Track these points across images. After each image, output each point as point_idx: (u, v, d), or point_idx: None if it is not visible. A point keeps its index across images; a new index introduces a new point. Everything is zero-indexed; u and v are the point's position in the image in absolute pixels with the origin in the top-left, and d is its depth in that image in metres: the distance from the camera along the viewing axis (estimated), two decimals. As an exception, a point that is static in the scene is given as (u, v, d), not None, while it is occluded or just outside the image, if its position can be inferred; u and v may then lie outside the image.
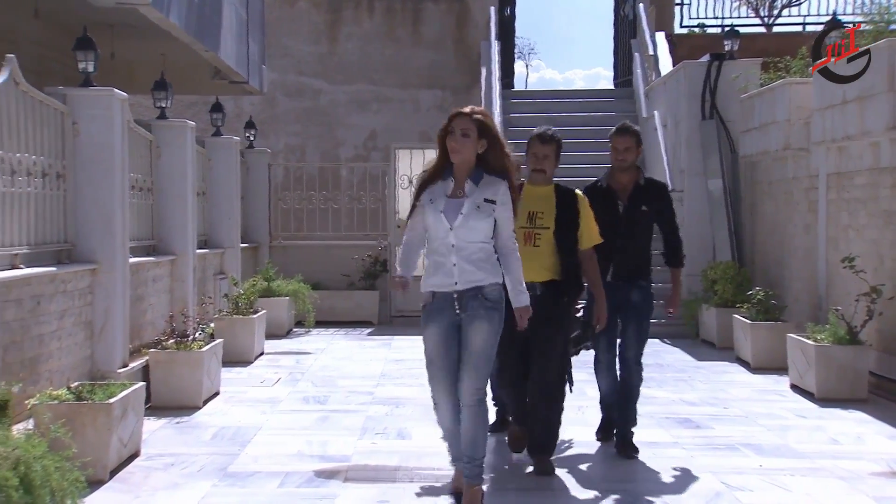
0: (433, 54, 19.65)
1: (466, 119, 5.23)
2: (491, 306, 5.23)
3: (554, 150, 6.34)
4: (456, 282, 5.22)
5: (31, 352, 6.76)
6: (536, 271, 6.13)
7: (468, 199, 5.23)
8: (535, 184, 6.35)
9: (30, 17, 10.38)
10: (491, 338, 5.24)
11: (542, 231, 6.23)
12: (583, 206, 6.36)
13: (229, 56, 13.68)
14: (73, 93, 7.96)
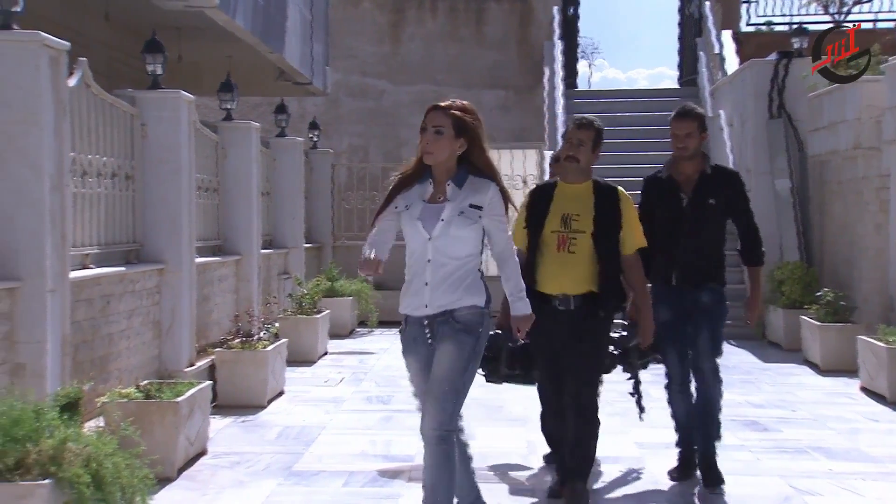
0: (496, 54, 19.61)
1: (440, 114, 4.39)
2: (461, 328, 4.37)
3: (591, 138, 5.43)
4: (426, 304, 4.41)
5: (101, 350, 6.86)
6: (572, 282, 5.35)
7: (450, 204, 4.41)
8: (569, 181, 5.49)
9: (100, 20, 10.56)
10: (458, 363, 4.34)
11: (579, 235, 5.36)
12: (625, 204, 5.44)
13: (293, 57, 13.78)
14: (141, 95, 8.07)
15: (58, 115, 5.83)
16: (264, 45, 12.25)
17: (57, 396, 4.94)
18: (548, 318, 5.29)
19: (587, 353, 5.38)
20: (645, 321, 5.59)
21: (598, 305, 5.35)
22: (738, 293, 7.50)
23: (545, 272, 5.37)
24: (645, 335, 5.60)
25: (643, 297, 5.58)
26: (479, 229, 4.44)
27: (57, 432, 4.34)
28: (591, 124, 5.46)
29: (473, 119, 4.43)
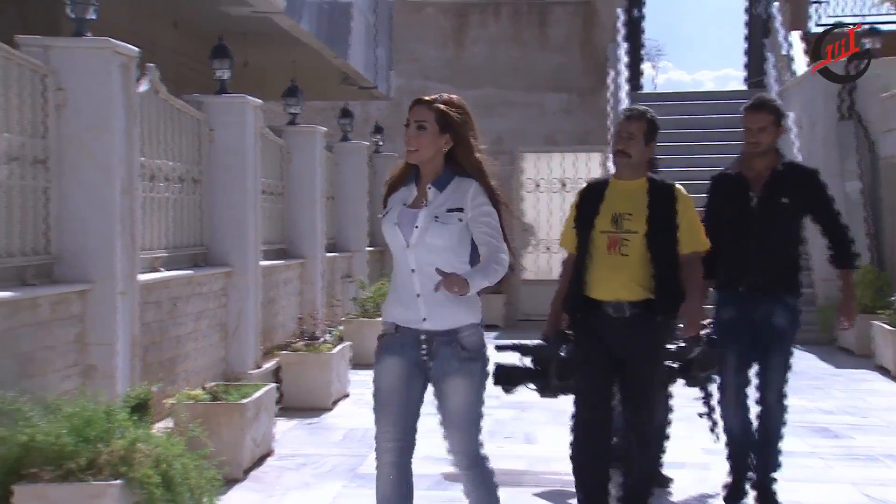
0: (559, 57, 19.54)
1: (423, 108, 4.03)
2: (468, 357, 4.00)
3: (643, 130, 4.94)
4: (424, 318, 3.99)
5: (170, 352, 6.95)
6: (624, 287, 4.87)
7: (426, 209, 4.01)
8: (621, 177, 5.04)
9: (169, 27, 10.71)
10: (473, 396, 4.04)
11: (631, 236, 4.89)
12: (683, 202, 4.99)
13: (358, 62, 13.86)
14: (209, 100, 8.17)
15: (128, 121, 5.92)
16: (329, 50, 12.34)
17: (127, 397, 5.01)
18: (598, 326, 4.90)
19: (644, 369, 4.90)
20: (691, 310, 4.98)
21: (654, 313, 4.89)
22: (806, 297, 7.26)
23: (595, 276, 4.92)
24: (689, 325, 5.06)
25: (696, 295, 5.00)
26: (463, 236, 3.99)
27: (127, 433, 4.41)
28: (643, 115, 4.99)
29: (459, 113, 4.03)
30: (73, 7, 5.74)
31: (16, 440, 4.27)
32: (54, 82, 5.62)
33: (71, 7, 5.74)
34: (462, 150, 4.03)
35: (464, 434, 4.07)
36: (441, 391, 4.04)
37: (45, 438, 4.25)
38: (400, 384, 4.06)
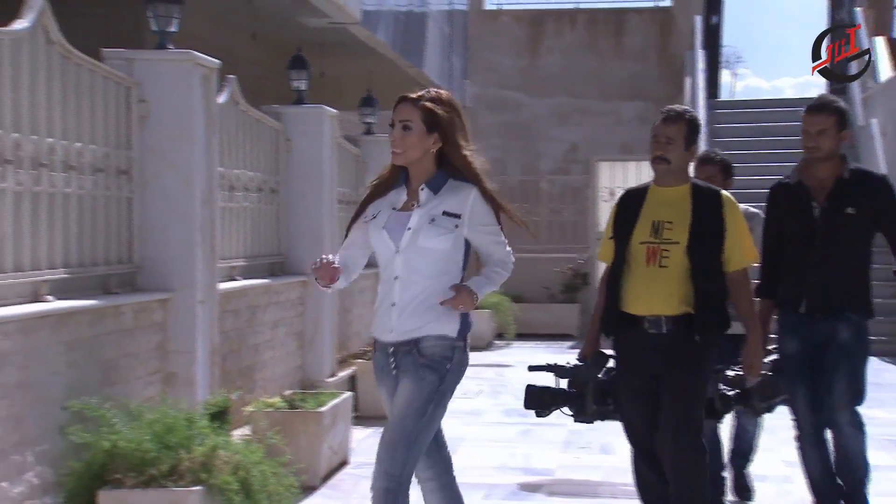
0: (636, 65, 19.40)
1: (408, 106, 3.77)
2: (425, 364, 3.71)
3: (682, 134, 4.51)
4: (392, 329, 3.77)
5: (248, 360, 7.03)
6: (663, 300, 4.47)
7: (419, 210, 3.78)
8: (662, 183, 4.60)
9: (248, 39, 10.86)
10: (414, 405, 3.67)
11: (671, 247, 4.48)
12: (730, 211, 4.55)
13: (433, 71, 13.92)
14: (286, 110, 8.27)
15: (208, 131, 6.01)
16: (404, 60, 12.41)
17: (207, 405, 5.08)
18: (636, 343, 4.53)
19: (684, 388, 4.48)
20: (750, 351, 4.59)
21: (694, 329, 4.47)
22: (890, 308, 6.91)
23: (632, 289, 4.52)
24: (749, 367, 4.62)
25: (751, 324, 4.62)
26: (458, 242, 3.78)
27: (207, 440, 4.46)
28: (681, 116, 4.56)
29: (447, 111, 3.78)
30: (157, 20, 5.85)
31: (100, 446, 4.35)
32: (138, 94, 5.73)
33: (154, 20, 5.86)
34: (450, 150, 3.79)
35: (389, 450, 3.66)
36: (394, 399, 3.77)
37: (129, 445, 4.33)
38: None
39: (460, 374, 3.79)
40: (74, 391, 4.65)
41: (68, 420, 4.53)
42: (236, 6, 9.94)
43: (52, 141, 4.92)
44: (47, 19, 4.85)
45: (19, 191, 4.67)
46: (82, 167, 5.21)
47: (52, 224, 4.94)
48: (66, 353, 4.74)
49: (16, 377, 4.35)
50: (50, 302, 4.75)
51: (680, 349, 4.47)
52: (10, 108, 4.59)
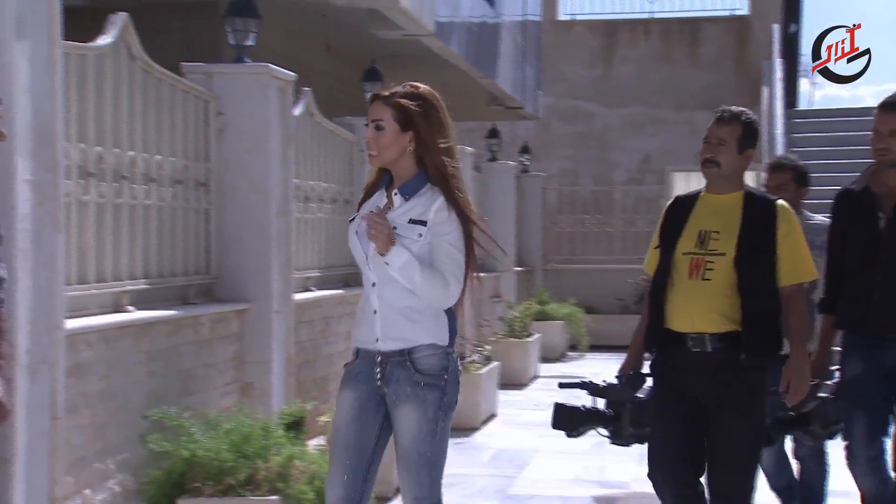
0: (711, 75, 19.19)
1: (379, 104, 3.50)
2: (423, 382, 3.45)
3: (735, 136, 4.10)
4: (377, 338, 3.50)
5: (322, 371, 7.08)
6: (704, 317, 4.04)
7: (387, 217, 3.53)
8: (712, 190, 4.18)
9: (322, 51, 10.97)
10: (424, 427, 3.46)
11: (716, 258, 4.07)
12: (785, 221, 4.12)
13: (506, 82, 13.91)
14: (360, 122, 8.31)
15: (284, 143, 6.08)
16: (477, 71, 12.42)
17: (282, 415, 5.12)
18: (678, 362, 4.07)
19: (731, 421, 4.00)
20: (793, 370, 4.11)
21: (740, 349, 4.02)
22: None
23: (674, 304, 4.11)
24: (793, 392, 4.13)
25: (797, 341, 4.14)
26: (425, 253, 3.46)
27: (284, 450, 4.50)
28: (736, 117, 4.14)
29: (421, 106, 3.48)
30: (235, 34, 5.95)
31: (179, 455, 4.41)
32: (216, 107, 5.82)
33: (232, 35, 5.95)
34: (422, 150, 3.48)
35: (412, 476, 3.48)
36: (394, 421, 3.50)
37: (207, 454, 4.38)
38: (350, 422, 3.52)
39: (457, 382, 3.54)
40: (154, 400, 4.73)
41: (148, 429, 4.60)
42: (311, 19, 10.05)
43: (133, 154, 5.02)
44: (129, 35, 4.95)
45: (102, 203, 4.77)
46: (162, 179, 5.30)
47: (133, 235, 5.03)
48: (146, 362, 4.82)
49: (98, 386, 4.43)
50: (131, 312, 4.84)
51: (728, 373, 4.01)
52: (94, 121, 4.69)
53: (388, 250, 3.37)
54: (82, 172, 4.60)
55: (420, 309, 3.45)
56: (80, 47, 4.55)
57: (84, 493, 4.32)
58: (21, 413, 3.09)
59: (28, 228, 3.57)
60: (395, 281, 3.44)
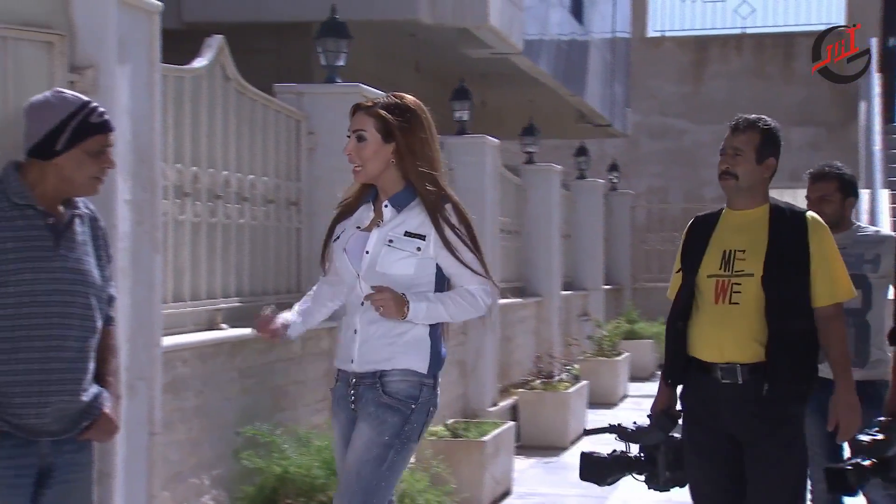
0: (805, 90, 18.85)
1: (362, 115, 3.39)
2: (386, 403, 3.28)
3: (753, 145, 3.76)
4: (353, 359, 3.37)
5: (411, 388, 7.09)
6: (734, 344, 3.70)
7: (378, 231, 3.38)
8: (734, 206, 3.85)
9: (411, 71, 11.05)
10: (373, 451, 3.26)
11: (744, 280, 3.72)
12: (817, 235, 3.76)
13: (594, 99, 13.85)
14: (449, 140, 8.34)
15: (374, 163, 6.11)
16: (565, 89, 12.39)
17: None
18: (708, 395, 3.75)
19: (770, 461, 3.66)
20: (838, 406, 3.71)
21: (767, 380, 3.65)
22: None
23: (700, 331, 3.78)
24: (843, 430, 3.72)
25: (841, 372, 3.74)
26: (426, 267, 3.32)
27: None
28: (753, 124, 3.81)
29: (401, 117, 3.36)
30: (326, 55, 6.02)
31: (272, 471, 4.45)
32: (307, 127, 5.89)
33: (323, 55, 6.02)
34: (402, 162, 3.35)
35: (343, 499, 3.28)
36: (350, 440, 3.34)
37: (298, 470, 4.42)
38: (341, 459, 3.41)
39: (427, 416, 3.34)
40: (246, 417, 4.78)
41: (241, 445, 4.66)
42: (401, 39, 10.14)
43: (227, 173, 5.10)
44: (225, 57, 5.04)
45: (196, 222, 4.85)
46: (254, 199, 5.38)
47: (227, 254, 5.11)
48: (239, 379, 4.88)
49: (193, 403, 4.50)
50: (224, 330, 4.91)
51: (764, 407, 3.65)
52: (190, 142, 4.79)
53: (406, 311, 3.25)
54: (179, 192, 4.69)
55: (400, 332, 3.30)
56: (177, 69, 4.65)
57: (179, 508, 4.39)
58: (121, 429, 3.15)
59: (127, 248, 3.65)
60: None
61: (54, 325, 2.88)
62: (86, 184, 2.97)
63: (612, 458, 4.00)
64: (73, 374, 2.92)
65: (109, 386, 3.06)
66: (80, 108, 2.95)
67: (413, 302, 3.26)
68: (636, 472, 4.02)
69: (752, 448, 3.68)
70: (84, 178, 2.95)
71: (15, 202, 2.89)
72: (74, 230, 2.98)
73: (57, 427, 2.91)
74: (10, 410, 2.83)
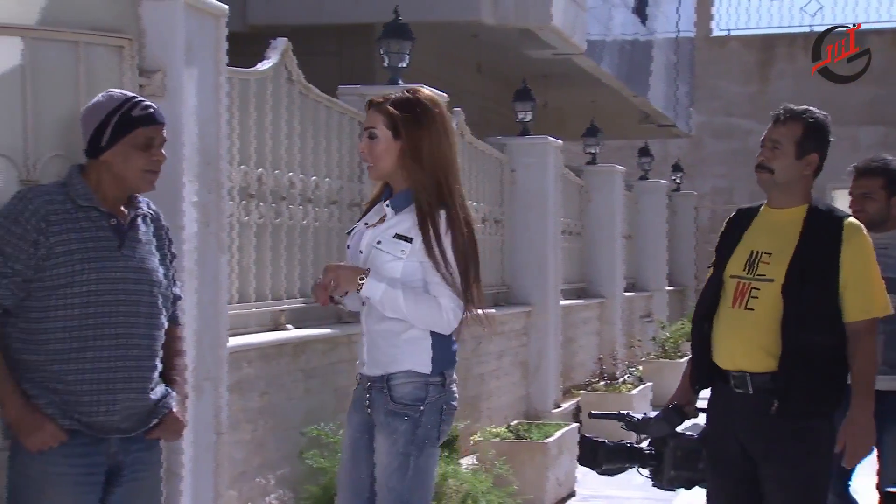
0: (876, 88, 18.50)
1: (373, 112, 3.30)
2: (394, 411, 3.21)
3: (794, 138, 3.47)
4: (364, 361, 3.32)
5: (473, 390, 7.09)
6: (745, 353, 3.45)
7: (372, 231, 3.30)
8: (773, 204, 3.56)
9: (473, 71, 11.05)
10: (394, 461, 3.20)
11: (763, 285, 3.44)
12: (853, 243, 3.42)
13: (657, 100, 13.74)
14: (511, 142, 8.33)
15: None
16: (628, 89, 12.30)
17: (436, 433, 5.13)
18: (725, 403, 3.52)
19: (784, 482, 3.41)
20: (851, 428, 3.40)
21: (777, 396, 3.38)
22: None
23: (717, 335, 3.55)
24: (848, 455, 3.42)
25: (860, 391, 3.41)
26: (412, 269, 3.21)
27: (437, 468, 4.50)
28: (796, 116, 3.49)
29: (410, 113, 3.24)
30: (389, 56, 6.03)
31: (336, 471, 4.46)
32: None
33: (386, 57, 6.04)
34: (406, 161, 3.23)
35: None
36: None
37: (362, 471, 4.42)
38: (344, 463, 3.36)
39: (439, 415, 3.23)
40: (310, 417, 4.81)
41: (305, 445, 4.69)
42: (463, 40, 10.14)
43: (291, 175, 5.13)
44: (289, 59, 5.08)
45: (261, 223, 4.89)
46: (318, 200, 5.41)
47: (291, 255, 5.15)
48: (303, 380, 4.91)
49: (258, 403, 4.54)
50: (288, 330, 4.94)
51: (775, 423, 3.38)
52: (255, 144, 4.83)
53: (360, 286, 3.15)
54: (244, 194, 4.73)
55: (399, 332, 3.20)
56: (242, 72, 4.70)
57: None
58: (188, 428, 3.19)
59: (194, 249, 3.68)
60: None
61: (121, 323, 2.92)
62: (138, 178, 2.99)
63: (614, 445, 3.80)
64: (141, 373, 2.96)
65: (176, 385, 3.10)
66: (123, 103, 2.98)
67: (371, 278, 3.15)
68: (641, 465, 3.82)
69: (763, 463, 3.42)
70: (134, 172, 2.97)
71: (79, 204, 2.93)
72: (138, 230, 3.02)
73: (126, 425, 2.95)
74: (79, 409, 2.88)
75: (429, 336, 3.21)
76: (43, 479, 2.87)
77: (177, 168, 3.47)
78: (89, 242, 2.91)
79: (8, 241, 2.85)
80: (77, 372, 2.88)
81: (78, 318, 2.88)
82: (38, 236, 2.85)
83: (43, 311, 2.87)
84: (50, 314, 2.87)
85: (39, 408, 2.85)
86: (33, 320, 2.88)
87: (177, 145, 3.38)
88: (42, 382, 2.88)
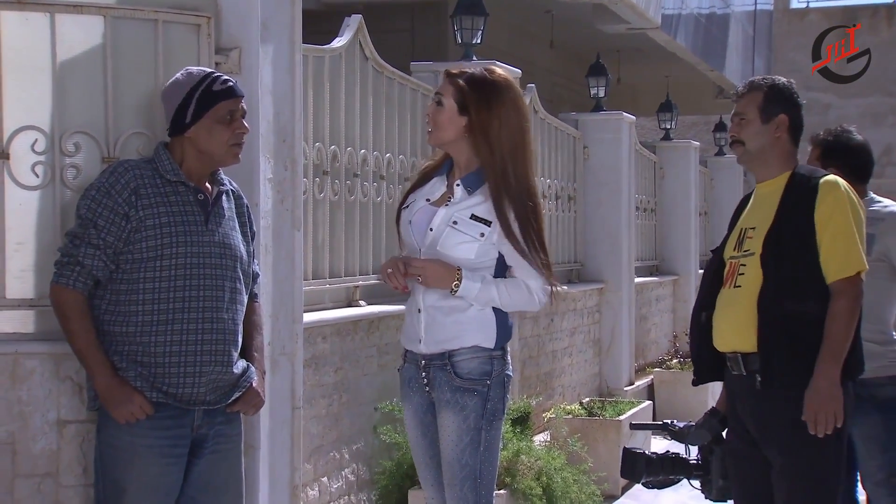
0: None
1: (445, 81, 3.26)
2: (462, 387, 3.19)
3: (755, 105, 3.39)
4: (421, 339, 3.26)
5: (546, 367, 7.08)
6: (734, 332, 3.33)
7: (445, 209, 3.24)
8: (759, 177, 3.46)
9: (545, 48, 10.98)
10: (465, 437, 3.19)
11: (748, 260, 3.33)
12: (827, 200, 3.26)
13: (734, 74, 13.53)
14: (584, 118, 8.27)
15: (510, 140, 6.10)
16: (704, 64, 12.13)
17: (509, 410, 5.14)
18: (730, 392, 3.42)
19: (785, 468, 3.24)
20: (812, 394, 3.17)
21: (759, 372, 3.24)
22: None
23: (715, 320, 3.42)
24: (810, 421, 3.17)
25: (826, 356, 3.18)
26: (487, 253, 3.20)
27: (510, 445, 4.51)
28: (755, 85, 3.44)
29: (478, 92, 3.19)
30: (462, 33, 6.02)
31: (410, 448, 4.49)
32: (442, 106, 5.89)
33: (459, 33, 6.02)
34: (475, 139, 3.19)
35: (455, 491, 3.20)
36: (438, 429, 3.25)
37: (435, 446, 4.44)
38: (418, 441, 3.33)
39: (504, 388, 3.25)
40: (384, 393, 4.84)
41: (379, 420, 4.72)
42: (536, 16, 10.08)
43: (364, 152, 5.15)
44: (363, 36, 5.09)
45: (335, 200, 4.92)
46: (392, 177, 5.42)
47: (364, 232, 5.17)
48: (376, 356, 4.94)
49: (333, 378, 4.58)
50: (362, 307, 4.97)
51: (771, 405, 3.24)
52: (329, 121, 4.85)
53: (457, 287, 3.15)
54: (318, 171, 4.76)
55: (464, 308, 3.18)
56: (317, 49, 4.71)
57: (321, 481, 4.48)
58: (265, 403, 3.23)
59: (269, 225, 3.71)
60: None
61: (207, 297, 2.97)
62: (223, 152, 3.04)
63: (656, 457, 3.63)
64: (226, 346, 3.01)
65: (255, 361, 3.14)
66: (203, 80, 3.03)
67: (467, 279, 3.16)
68: (690, 476, 3.63)
69: (766, 448, 3.28)
70: (219, 146, 3.02)
71: (168, 179, 2.99)
72: (222, 206, 3.07)
73: (211, 397, 3.00)
74: (166, 381, 2.93)
75: (493, 312, 3.21)
76: (131, 451, 2.93)
77: (253, 145, 3.49)
78: (177, 216, 2.96)
79: (100, 213, 2.92)
80: (164, 344, 2.93)
81: (165, 291, 2.93)
82: (129, 209, 2.92)
83: (132, 283, 2.93)
84: (138, 286, 2.93)
85: (128, 380, 2.91)
86: (122, 292, 2.94)
87: (252, 122, 3.40)
88: (130, 355, 2.94)
